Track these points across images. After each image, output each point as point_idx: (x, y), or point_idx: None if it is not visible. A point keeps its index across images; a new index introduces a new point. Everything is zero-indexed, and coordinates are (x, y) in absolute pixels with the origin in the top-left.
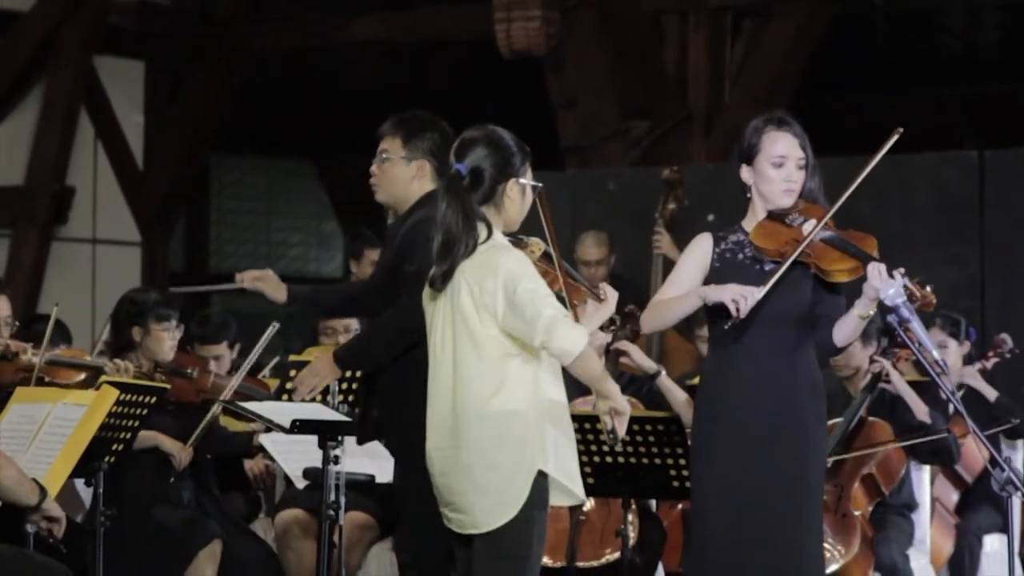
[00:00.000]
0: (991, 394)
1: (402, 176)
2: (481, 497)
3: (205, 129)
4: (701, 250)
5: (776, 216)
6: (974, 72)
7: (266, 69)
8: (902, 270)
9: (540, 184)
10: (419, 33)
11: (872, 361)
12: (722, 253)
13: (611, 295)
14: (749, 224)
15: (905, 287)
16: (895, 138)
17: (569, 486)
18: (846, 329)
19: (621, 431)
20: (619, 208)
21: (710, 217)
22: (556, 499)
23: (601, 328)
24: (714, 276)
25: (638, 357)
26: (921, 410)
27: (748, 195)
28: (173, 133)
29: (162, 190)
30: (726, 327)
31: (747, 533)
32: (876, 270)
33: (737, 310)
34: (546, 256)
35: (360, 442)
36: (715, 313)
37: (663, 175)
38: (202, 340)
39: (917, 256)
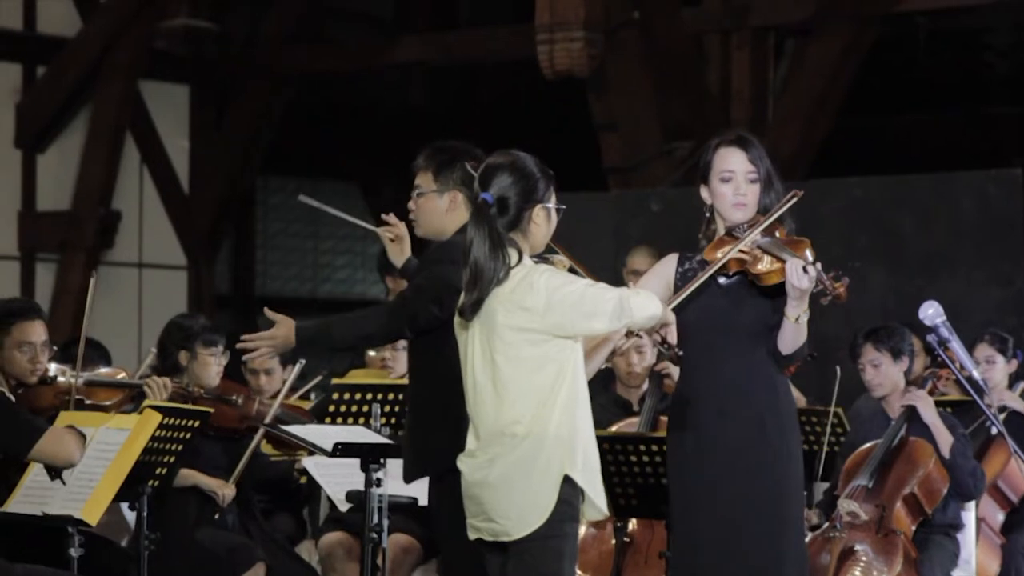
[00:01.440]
0: None
1: (437, 209)
2: (511, 505)
3: (250, 152)
4: (664, 270)
5: (730, 232)
6: (1020, 90)
7: (311, 92)
8: (818, 264)
9: (564, 207)
10: (463, 55)
11: (912, 382)
12: (684, 273)
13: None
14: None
15: (818, 282)
16: (793, 200)
17: (594, 497)
18: (785, 335)
19: (671, 337)
20: (662, 228)
21: None
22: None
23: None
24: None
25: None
26: (945, 444)
27: (708, 215)
28: (218, 157)
29: (208, 214)
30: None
31: (731, 545)
32: (793, 267)
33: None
34: (571, 272)
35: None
36: (685, 334)
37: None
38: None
39: (961, 274)
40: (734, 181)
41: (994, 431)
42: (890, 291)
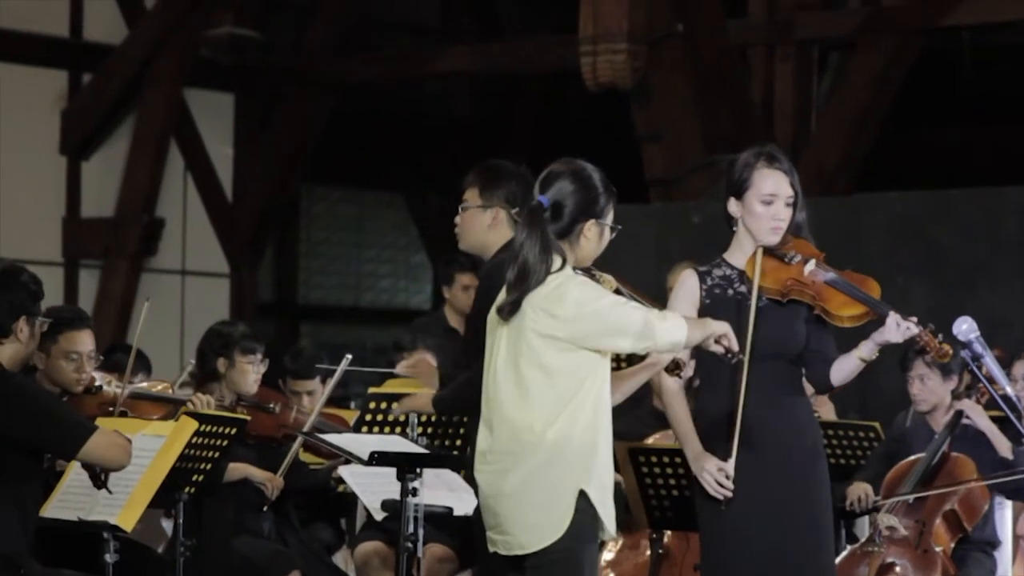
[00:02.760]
0: None
1: (479, 224)
2: (525, 517)
3: (294, 161)
4: (688, 289)
5: (771, 252)
6: None
7: (355, 101)
8: (914, 319)
9: (620, 227)
10: (507, 65)
11: (955, 398)
12: (710, 289)
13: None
14: (733, 257)
15: (917, 337)
16: None
17: (603, 516)
18: (845, 370)
19: (734, 345)
20: (704, 241)
21: None
22: None
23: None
24: (705, 313)
25: None
26: (1004, 446)
27: (734, 228)
28: (262, 164)
29: (251, 221)
30: (732, 362)
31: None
32: (895, 321)
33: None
34: (618, 293)
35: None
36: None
37: None
38: (295, 375)
39: (1003, 289)
40: (775, 204)
41: None
42: (931, 305)
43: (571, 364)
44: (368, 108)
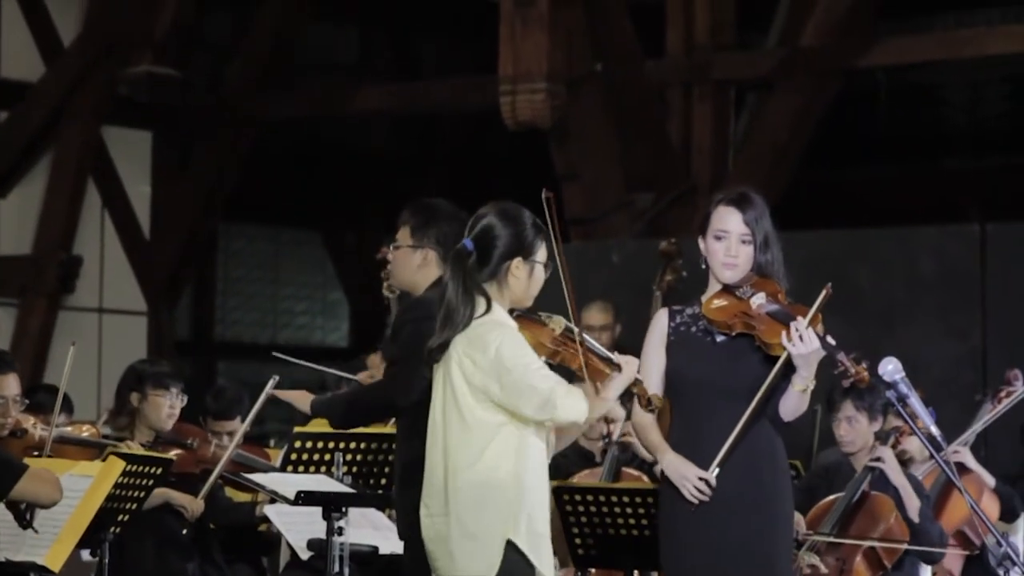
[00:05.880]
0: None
1: (409, 264)
2: (453, 562)
3: (212, 198)
4: (659, 329)
5: (728, 289)
6: (978, 145)
7: (273, 139)
8: (833, 341)
9: (550, 263)
10: (426, 104)
11: (877, 439)
12: (677, 327)
13: (626, 362)
14: (705, 296)
15: (839, 362)
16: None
17: (536, 564)
18: (789, 403)
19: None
20: (623, 280)
21: None
22: None
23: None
24: (670, 350)
25: (639, 448)
26: (913, 506)
27: (704, 266)
28: (180, 203)
29: (169, 259)
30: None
31: None
32: (793, 327)
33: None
34: (567, 332)
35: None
36: (680, 390)
37: (660, 247)
38: (216, 415)
39: (918, 329)
40: (726, 241)
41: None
42: (848, 345)
43: (487, 411)
44: (286, 146)
